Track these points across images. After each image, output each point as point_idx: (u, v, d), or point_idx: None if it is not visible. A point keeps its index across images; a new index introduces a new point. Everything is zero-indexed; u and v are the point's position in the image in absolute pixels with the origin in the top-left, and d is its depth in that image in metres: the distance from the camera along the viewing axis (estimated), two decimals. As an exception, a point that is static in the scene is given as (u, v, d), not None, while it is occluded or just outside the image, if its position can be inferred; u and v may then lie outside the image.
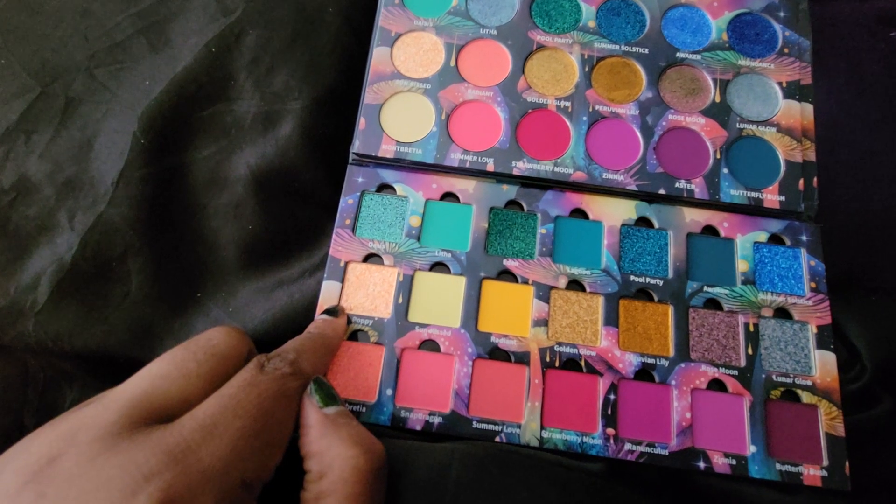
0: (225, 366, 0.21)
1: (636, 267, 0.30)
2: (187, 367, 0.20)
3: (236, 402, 0.19)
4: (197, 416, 0.18)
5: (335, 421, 0.21)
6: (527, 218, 0.31)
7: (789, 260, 0.30)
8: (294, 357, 0.22)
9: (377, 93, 0.32)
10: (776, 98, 0.33)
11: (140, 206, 0.29)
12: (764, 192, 0.31)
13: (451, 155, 0.31)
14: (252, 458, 0.18)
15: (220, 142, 0.31)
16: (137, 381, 0.19)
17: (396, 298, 0.28)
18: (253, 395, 0.19)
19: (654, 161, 0.31)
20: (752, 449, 0.27)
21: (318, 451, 0.20)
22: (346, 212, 0.30)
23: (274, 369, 0.21)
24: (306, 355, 0.23)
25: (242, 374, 0.20)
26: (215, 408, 0.18)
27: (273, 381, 0.20)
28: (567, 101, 0.32)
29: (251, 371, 0.20)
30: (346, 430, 0.20)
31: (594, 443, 0.27)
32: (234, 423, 0.18)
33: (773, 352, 0.29)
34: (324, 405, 0.21)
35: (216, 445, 0.17)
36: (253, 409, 0.19)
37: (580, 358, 0.28)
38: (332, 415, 0.21)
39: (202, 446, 0.17)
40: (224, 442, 0.18)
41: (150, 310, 0.29)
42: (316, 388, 0.22)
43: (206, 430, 0.18)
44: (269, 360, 0.22)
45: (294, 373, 0.21)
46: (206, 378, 0.20)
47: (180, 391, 0.19)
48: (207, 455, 0.17)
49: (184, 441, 0.17)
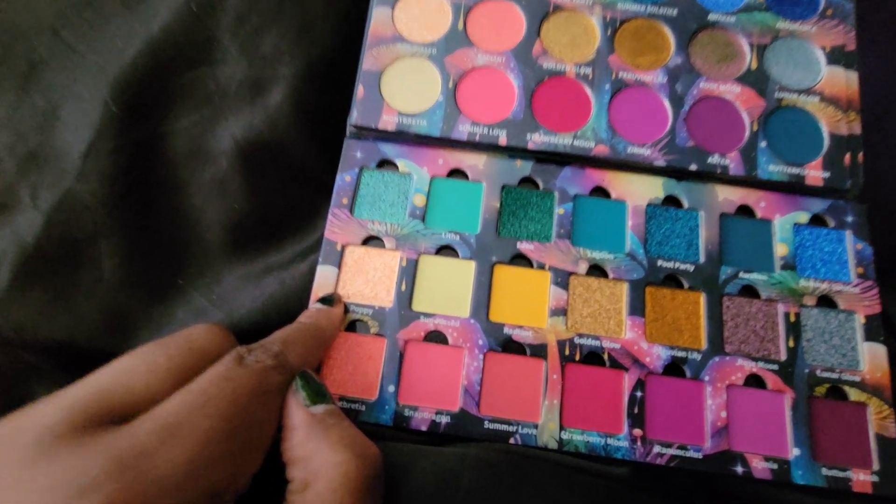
0: (201, 362, 0.18)
1: (664, 251, 0.28)
2: (156, 360, 0.18)
3: (206, 398, 0.16)
4: (157, 415, 0.16)
5: (323, 422, 0.19)
6: (543, 197, 0.28)
7: (833, 243, 0.28)
8: (279, 349, 0.20)
9: (377, 58, 0.29)
10: (818, 64, 0.30)
11: (112, 182, 0.27)
12: (806, 169, 0.28)
13: (459, 127, 0.28)
14: (222, 465, 0.16)
15: (202, 111, 0.29)
16: (97, 376, 0.17)
17: (399, 285, 0.27)
18: (227, 391, 0.17)
19: (685, 134, 0.29)
20: (795, 452, 0.24)
21: (303, 456, 0.18)
22: (343, 190, 0.28)
23: (255, 362, 0.19)
24: (294, 347, 0.21)
25: (216, 367, 0.18)
26: (180, 405, 0.16)
27: (252, 374, 0.18)
28: (587, 68, 0.29)
29: (227, 363, 0.18)
30: (336, 432, 0.18)
31: (619, 445, 0.24)
32: (201, 424, 0.16)
33: (816, 344, 0.26)
34: (311, 403, 0.19)
35: (177, 450, 0.15)
36: (225, 406, 0.17)
37: (603, 351, 0.26)
38: (319, 414, 0.19)
39: (159, 451, 0.15)
40: (188, 446, 0.15)
41: (125, 297, 0.27)
42: (302, 384, 0.20)
43: (165, 432, 0.15)
44: (251, 351, 0.19)
45: (278, 366, 0.19)
46: (177, 373, 0.18)
47: (145, 387, 0.17)
48: (165, 462, 0.15)
49: (137, 445, 0.15)
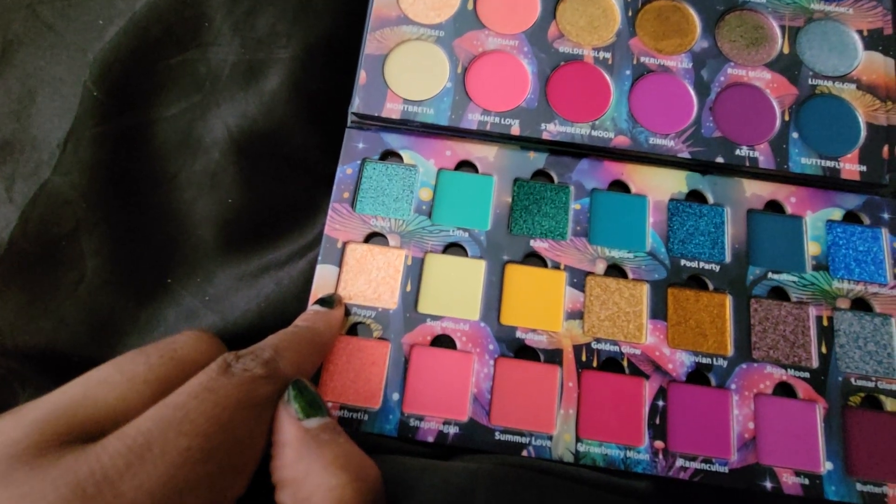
0: (185, 372, 0.17)
1: (687, 249, 0.26)
2: (135, 370, 0.16)
3: (183, 413, 0.15)
4: (127, 433, 0.14)
5: (317, 438, 0.17)
6: (558, 191, 0.27)
7: (868, 241, 0.26)
8: (271, 355, 0.18)
9: (381, 41, 0.28)
10: (855, 49, 0.28)
11: (94, 174, 0.26)
12: (841, 161, 0.26)
13: (468, 116, 0.27)
14: (200, 491, 0.14)
15: (192, 97, 0.27)
16: (67, 388, 0.16)
17: (404, 286, 0.25)
18: (208, 405, 0.15)
19: (711, 123, 0.27)
20: (827, 466, 0.23)
21: (294, 478, 0.16)
22: (344, 183, 0.27)
23: (242, 370, 0.17)
24: (288, 354, 0.19)
25: (198, 377, 0.16)
26: (153, 421, 0.14)
27: (238, 385, 0.16)
28: (607, 52, 0.28)
29: (211, 373, 0.16)
30: (331, 450, 0.17)
31: (640, 458, 0.23)
32: (176, 443, 0.14)
33: (850, 350, 0.25)
34: (304, 416, 0.17)
35: (146, 474, 0.14)
36: (205, 422, 0.15)
37: (622, 357, 0.24)
38: (313, 429, 0.17)
39: (125, 476, 0.13)
40: (158, 469, 0.14)
41: (110, 299, 0.25)
42: (295, 394, 0.18)
43: (133, 454, 0.14)
44: (239, 358, 0.17)
45: (268, 375, 0.17)
46: (157, 385, 0.16)
47: (119, 400, 0.15)
48: (132, 488, 0.13)
49: (100, 469, 0.13)
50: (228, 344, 0.19)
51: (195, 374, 0.16)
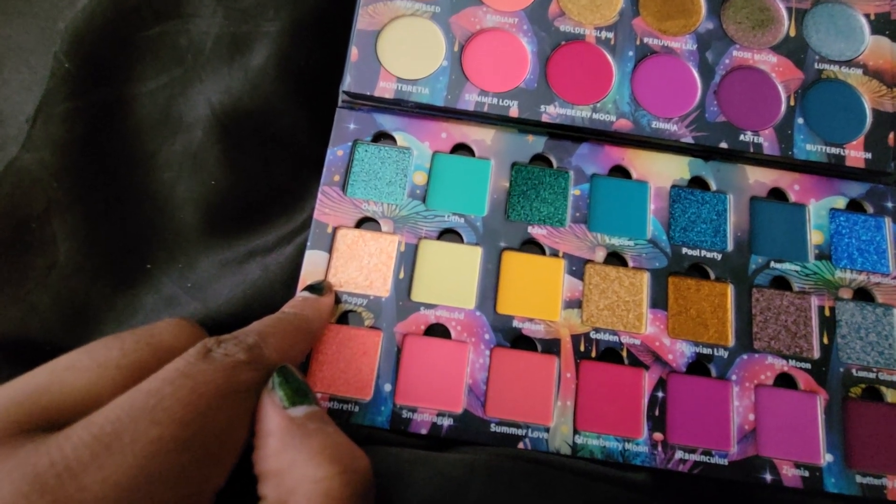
0: (161, 359, 0.15)
1: (689, 237, 0.25)
2: (108, 355, 0.15)
3: (156, 400, 0.14)
4: (94, 422, 0.13)
5: (303, 427, 0.16)
6: (557, 176, 0.26)
7: (871, 231, 0.26)
8: (255, 340, 0.17)
9: (373, 16, 0.26)
10: (862, 33, 0.27)
11: (66, 151, 0.24)
12: (846, 148, 0.26)
13: (465, 96, 0.26)
14: (174, 484, 0.13)
15: (173, 71, 0.26)
16: (33, 374, 0.15)
17: (397, 273, 0.24)
18: (184, 391, 0.14)
19: (715, 108, 0.26)
20: (827, 458, 0.23)
21: (278, 469, 0.15)
22: (335, 165, 0.25)
23: (223, 356, 0.16)
24: (274, 340, 0.18)
25: (175, 362, 0.15)
26: (122, 409, 0.13)
27: (218, 371, 0.15)
28: (609, 32, 0.27)
29: (189, 357, 0.15)
30: (318, 439, 0.15)
31: (638, 450, 0.23)
32: (147, 432, 0.13)
33: (851, 341, 0.24)
34: (289, 404, 0.16)
35: (113, 466, 0.13)
36: (181, 410, 0.14)
37: (621, 347, 0.24)
38: (299, 418, 0.16)
39: (90, 467, 0.12)
40: (127, 460, 0.13)
41: (85, 285, 0.24)
42: (280, 381, 0.17)
43: (100, 444, 0.13)
44: (220, 343, 0.16)
45: (251, 361, 0.16)
46: (130, 371, 0.15)
47: (89, 386, 0.14)
48: (97, 481, 0.12)
49: (62, 460, 0.12)
50: (211, 333, 0.18)
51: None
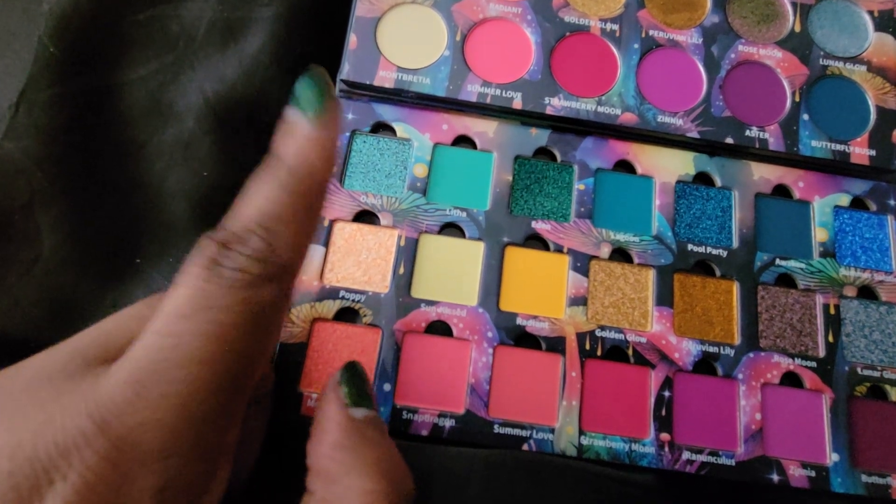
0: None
1: (694, 234, 0.25)
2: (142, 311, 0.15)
3: (178, 340, 0.13)
4: (129, 363, 0.13)
5: (363, 433, 0.15)
6: (561, 170, 0.26)
7: (874, 229, 0.26)
8: (263, 243, 0.14)
9: (373, 3, 0.26)
10: (866, 30, 0.27)
11: (51, 140, 0.23)
12: (851, 145, 0.25)
13: (467, 87, 0.25)
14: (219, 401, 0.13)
15: (164, 57, 0.25)
16: (101, 322, 0.16)
17: (396, 268, 0.24)
18: (204, 327, 0.13)
19: (721, 102, 0.26)
20: (834, 457, 0.22)
21: (330, 470, 0.15)
22: (333, 156, 0.24)
23: (233, 272, 0.13)
24: (284, 228, 0.14)
25: (187, 289, 0.13)
26: (149, 350, 0.13)
27: (234, 295, 0.13)
28: (614, 24, 0.26)
29: (198, 280, 0.13)
30: (375, 451, 0.15)
31: (645, 451, 0.22)
32: (180, 372, 0.13)
33: (856, 339, 0.24)
34: (352, 404, 0.16)
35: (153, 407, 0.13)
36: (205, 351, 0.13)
37: (627, 345, 0.23)
38: (360, 421, 0.16)
39: (134, 408, 0.13)
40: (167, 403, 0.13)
41: (71, 280, 0.23)
42: (347, 378, 0.16)
43: (139, 383, 0.13)
44: (224, 252, 0.13)
45: (266, 274, 0.14)
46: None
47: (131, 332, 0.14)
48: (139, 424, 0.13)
49: (109, 400, 0.13)
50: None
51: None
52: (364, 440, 0.15)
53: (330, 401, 0.16)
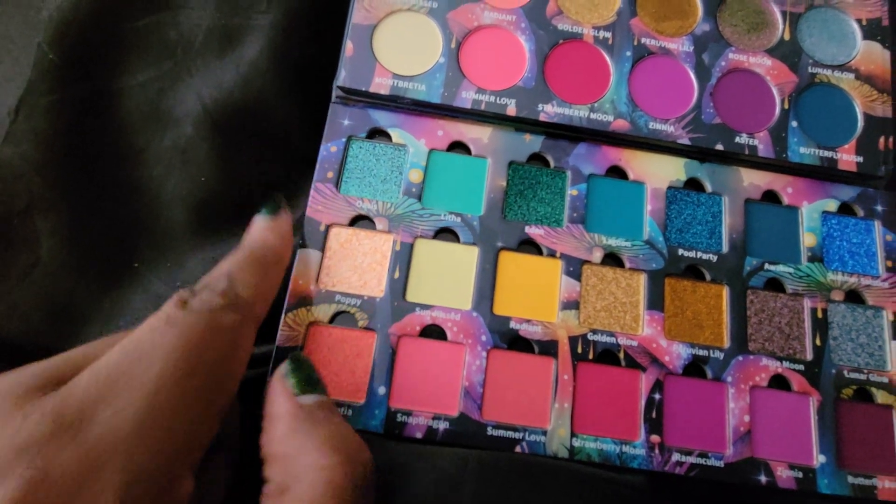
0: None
1: (685, 238, 0.25)
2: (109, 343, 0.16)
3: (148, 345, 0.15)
4: (95, 368, 0.14)
5: (312, 415, 0.16)
6: (554, 176, 0.26)
7: (861, 234, 0.26)
8: (227, 285, 0.17)
9: (369, 10, 0.26)
10: (854, 38, 0.27)
11: (50, 145, 0.24)
12: (838, 152, 0.26)
13: (462, 94, 0.25)
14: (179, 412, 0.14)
15: (162, 64, 0.25)
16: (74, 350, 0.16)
17: (392, 272, 0.24)
18: (171, 337, 0.15)
19: (711, 109, 0.26)
20: (820, 459, 0.23)
21: (284, 453, 0.16)
22: (328, 162, 0.25)
23: (201, 303, 0.16)
24: (244, 277, 0.18)
25: (155, 316, 0.16)
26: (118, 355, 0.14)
27: (199, 317, 0.16)
28: (607, 32, 0.26)
29: (168, 309, 0.16)
30: (326, 429, 0.16)
31: (636, 453, 0.23)
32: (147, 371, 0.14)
33: (843, 343, 0.25)
34: (300, 392, 0.17)
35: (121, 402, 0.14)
36: (173, 351, 0.15)
37: (618, 349, 0.24)
38: (309, 406, 0.17)
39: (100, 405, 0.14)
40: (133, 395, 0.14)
41: (69, 284, 0.24)
42: (292, 369, 0.17)
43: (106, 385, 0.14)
44: (194, 294, 0.17)
45: (228, 305, 0.17)
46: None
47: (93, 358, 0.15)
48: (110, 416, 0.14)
49: (75, 401, 0.14)
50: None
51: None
52: (314, 422, 0.16)
53: (277, 393, 0.17)
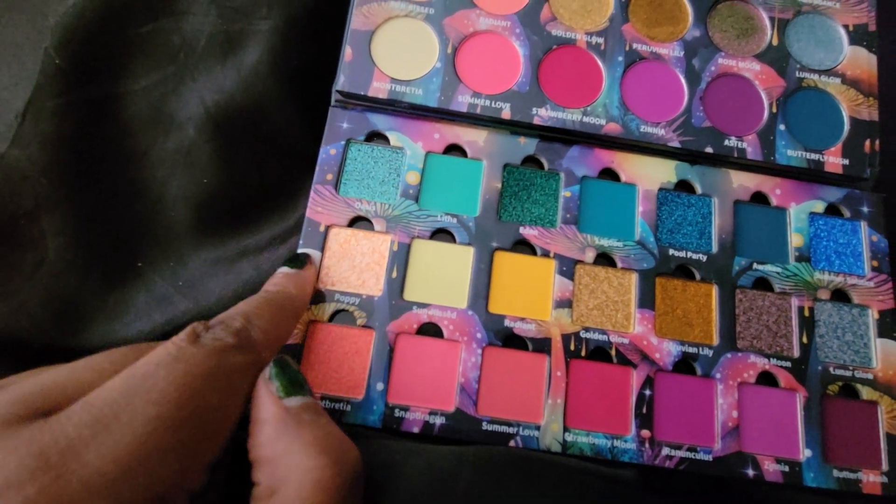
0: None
1: (675, 239, 0.26)
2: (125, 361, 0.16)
3: (151, 382, 0.14)
4: (93, 403, 0.14)
5: (297, 417, 0.16)
6: (548, 178, 0.26)
7: (848, 234, 0.27)
8: (242, 324, 0.18)
9: (368, 16, 0.26)
10: (841, 44, 0.28)
11: (56, 148, 0.24)
12: (825, 155, 0.27)
13: (458, 98, 0.26)
14: (169, 460, 0.14)
15: (165, 69, 0.26)
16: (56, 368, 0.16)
17: (390, 272, 0.24)
18: (176, 374, 0.15)
19: (701, 113, 0.27)
20: (806, 453, 0.23)
21: (271, 456, 0.16)
22: (328, 164, 0.25)
23: (212, 340, 0.16)
24: (259, 321, 0.18)
25: (166, 346, 0.15)
26: (118, 391, 0.14)
27: (209, 354, 0.16)
28: (600, 37, 0.27)
29: (179, 342, 0.16)
30: (311, 430, 0.16)
31: (626, 447, 0.23)
32: (144, 411, 0.14)
33: (829, 340, 0.25)
34: (285, 395, 0.17)
35: (112, 443, 0.13)
36: (175, 391, 0.14)
37: (610, 346, 0.24)
38: (294, 408, 0.16)
39: (91, 445, 0.13)
40: (126, 438, 0.13)
41: (75, 283, 0.24)
42: (277, 372, 0.17)
43: (100, 423, 0.13)
44: (208, 328, 0.17)
45: (240, 345, 0.17)
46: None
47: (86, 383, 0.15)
48: (97, 457, 0.13)
49: (64, 438, 0.13)
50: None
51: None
52: (300, 424, 0.16)
53: (263, 396, 0.16)
